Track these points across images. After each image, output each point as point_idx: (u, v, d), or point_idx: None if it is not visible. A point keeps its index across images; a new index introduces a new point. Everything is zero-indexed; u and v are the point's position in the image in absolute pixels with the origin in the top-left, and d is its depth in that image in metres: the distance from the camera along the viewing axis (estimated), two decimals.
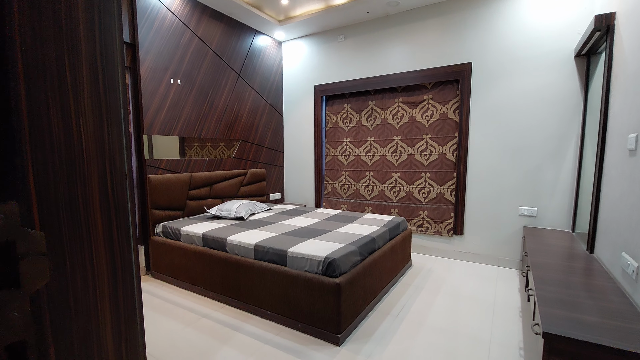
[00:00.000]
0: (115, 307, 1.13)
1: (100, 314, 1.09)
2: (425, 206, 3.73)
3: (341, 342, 2.00)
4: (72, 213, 1.01)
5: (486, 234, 3.42)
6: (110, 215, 1.11)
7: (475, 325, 2.23)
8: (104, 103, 1.09)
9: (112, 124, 1.12)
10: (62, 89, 0.98)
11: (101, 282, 1.09)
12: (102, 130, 1.09)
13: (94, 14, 1.03)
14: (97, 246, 1.08)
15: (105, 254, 1.10)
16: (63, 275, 0.98)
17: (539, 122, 3.09)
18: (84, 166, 1.04)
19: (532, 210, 3.16)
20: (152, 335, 2.12)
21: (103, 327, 1.10)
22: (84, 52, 1.03)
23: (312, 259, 2.11)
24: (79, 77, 1.02)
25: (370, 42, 3.93)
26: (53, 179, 0.95)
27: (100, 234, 1.08)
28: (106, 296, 1.11)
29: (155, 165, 3.14)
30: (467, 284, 2.93)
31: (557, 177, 3.04)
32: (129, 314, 1.18)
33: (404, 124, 3.81)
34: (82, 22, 1.00)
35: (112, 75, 1.12)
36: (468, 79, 3.36)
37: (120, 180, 1.16)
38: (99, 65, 1.07)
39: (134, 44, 2.94)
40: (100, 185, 1.09)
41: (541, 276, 1.92)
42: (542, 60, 3.03)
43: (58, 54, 0.95)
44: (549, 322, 1.41)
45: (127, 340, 1.18)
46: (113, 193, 1.12)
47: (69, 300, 1.00)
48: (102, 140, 1.09)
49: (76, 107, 1.03)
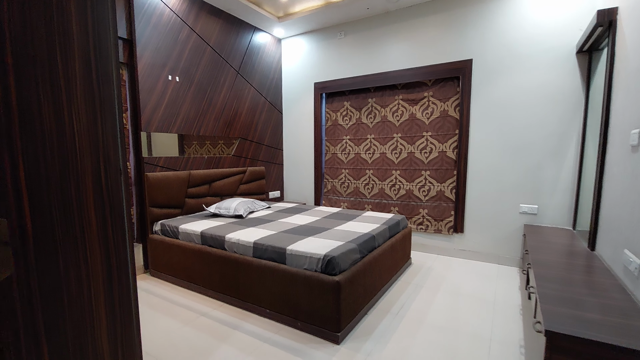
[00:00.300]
0: (110, 307, 1.11)
1: (95, 314, 1.07)
2: (426, 204, 3.71)
3: (341, 341, 1.98)
4: (66, 210, 0.98)
5: (486, 232, 3.40)
6: (105, 213, 1.09)
7: (476, 323, 2.22)
8: (97, 96, 1.07)
9: (106, 118, 1.10)
10: (53, 82, 0.95)
11: (96, 281, 1.07)
12: (95, 125, 1.07)
13: (86, 5, 1.00)
14: (91, 244, 1.06)
15: (100, 252, 1.08)
16: (56, 274, 0.96)
17: (539, 119, 3.06)
18: (77, 161, 1.01)
19: (532, 208, 3.15)
20: (150, 333, 2.10)
21: (98, 327, 1.08)
22: (77, 44, 1.01)
23: (311, 256, 2.09)
24: (71, 69, 1.00)
25: (370, 39, 3.90)
26: (45, 174, 0.93)
27: (95, 232, 1.06)
28: (101, 296, 1.09)
29: (153, 162, 3.12)
30: (467, 282, 2.91)
31: (558, 174, 3.02)
32: (124, 314, 1.16)
33: (404, 121, 3.79)
34: (75, 13, 0.98)
35: (106, 68, 1.10)
36: (469, 75, 3.34)
37: (115, 177, 1.14)
38: (92, 58, 1.05)
39: (131, 40, 2.91)
40: (94, 181, 1.06)
41: (542, 274, 1.90)
42: (543, 57, 3.01)
43: (49, 45, 0.93)
44: (551, 319, 1.39)
45: (123, 340, 1.16)
46: (108, 190, 1.10)
47: (62, 300, 0.98)
48: (95, 134, 1.06)
49: (68, 100, 1.00)
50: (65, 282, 0.97)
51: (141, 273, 3.15)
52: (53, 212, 0.92)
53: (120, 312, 1.12)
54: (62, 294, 0.96)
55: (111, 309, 1.09)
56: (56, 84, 0.94)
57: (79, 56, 1.00)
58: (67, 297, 0.97)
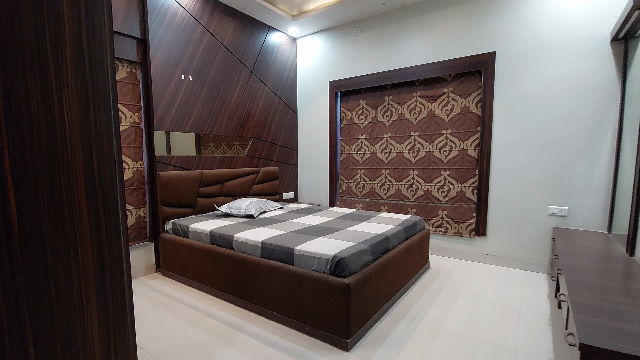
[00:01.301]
0: (103, 304, 1.04)
1: (86, 310, 1.00)
2: (445, 205, 3.53)
3: (350, 348, 1.86)
4: (54, 201, 0.92)
5: (511, 235, 3.18)
6: (97, 205, 1.02)
7: (499, 332, 2.04)
8: (90, 85, 1.01)
9: (100, 108, 1.04)
10: (42, 68, 0.90)
11: (87, 277, 1.01)
12: (88, 114, 1.01)
13: None
14: (82, 239, 0.99)
15: (92, 247, 1.02)
16: (44, 269, 0.90)
17: (570, 113, 2.84)
18: (67, 151, 0.95)
19: (562, 210, 2.91)
20: (153, 333, 2.06)
21: (89, 325, 1.01)
22: (68, 29, 0.96)
23: (320, 257, 1.99)
24: (61, 55, 0.94)
25: (387, 34, 3.78)
26: (32, 163, 0.87)
27: (86, 225, 1.00)
28: (92, 292, 1.02)
29: (165, 161, 3.12)
30: (489, 287, 2.71)
31: (590, 173, 2.78)
32: (118, 312, 1.09)
33: (422, 119, 3.63)
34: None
35: (100, 56, 1.04)
36: (491, 69, 3.15)
37: (109, 169, 1.07)
38: (84, 44, 0.99)
39: (144, 39, 2.93)
40: (86, 173, 1.00)
41: (574, 280, 1.71)
42: (573, 47, 2.79)
43: (38, 28, 0.88)
44: (586, 331, 1.22)
45: (116, 339, 1.09)
46: (101, 182, 1.04)
47: (50, 297, 0.92)
48: (88, 124, 1.00)
49: (59, 87, 0.94)
50: (54, 277, 0.91)
51: (153, 272, 3.14)
52: (41, 203, 0.87)
53: (113, 310, 1.06)
54: (50, 290, 0.90)
55: (103, 306, 1.03)
56: (45, 70, 0.89)
57: (70, 42, 0.95)
58: (56, 293, 0.92)
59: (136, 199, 3.01)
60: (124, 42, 2.83)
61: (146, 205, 3.09)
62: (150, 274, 3.10)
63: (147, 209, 3.10)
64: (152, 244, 3.15)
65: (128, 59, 2.87)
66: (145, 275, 3.07)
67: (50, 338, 0.90)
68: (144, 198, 3.07)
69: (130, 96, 2.93)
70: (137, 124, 2.99)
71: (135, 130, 2.98)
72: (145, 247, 3.11)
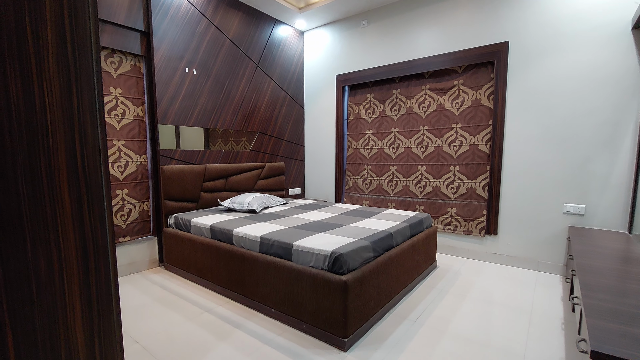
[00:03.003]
0: (86, 295, 1.00)
1: (69, 300, 0.96)
2: (454, 202, 3.41)
3: (348, 348, 1.79)
4: (35, 187, 0.89)
5: (524, 234, 3.04)
6: (80, 193, 0.98)
7: (508, 336, 1.93)
8: (72, 67, 0.96)
9: (83, 92, 0.99)
10: (21, 50, 0.86)
11: (69, 265, 0.97)
12: (70, 100, 0.96)
13: None
14: (64, 226, 0.95)
15: (75, 235, 0.98)
16: (23, 256, 0.87)
17: (588, 106, 2.68)
18: (48, 136, 0.91)
19: (579, 208, 2.76)
20: (151, 327, 2.04)
21: (72, 316, 0.97)
22: (49, 10, 0.92)
23: (318, 253, 1.92)
24: (42, 38, 0.90)
25: (395, 25, 3.67)
26: (10, 147, 0.84)
27: (69, 213, 0.96)
28: (75, 282, 0.98)
29: (169, 155, 3.11)
30: (499, 288, 2.59)
31: (610, 169, 2.62)
32: (103, 303, 1.05)
33: (431, 112, 3.51)
34: None
35: (83, 36, 0.99)
36: (504, 60, 3.01)
37: (93, 156, 1.03)
38: (66, 25, 0.95)
39: (148, 32, 2.91)
40: (68, 159, 0.96)
41: (589, 282, 1.59)
42: (592, 36, 2.63)
43: (17, 9, 0.84)
44: (599, 338, 1.12)
45: (101, 331, 1.05)
46: (84, 169, 0.99)
47: (30, 286, 0.89)
48: (70, 108, 0.96)
49: (39, 71, 0.90)
50: (34, 267, 0.88)
51: (156, 266, 3.14)
52: (20, 189, 0.84)
53: (98, 301, 1.03)
54: (29, 279, 0.87)
55: (87, 297, 1.00)
56: (25, 53, 0.85)
57: (51, 25, 0.91)
58: (36, 282, 0.88)
59: (140, 192, 3.01)
60: (128, 35, 2.82)
61: (150, 199, 3.09)
62: (153, 268, 3.10)
63: (151, 203, 3.09)
64: (155, 238, 3.15)
65: (132, 52, 2.86)
66: (149, 269, 3.07)
67: (30, 328, 0.88)
68: (147, 192, 3.07)
69: (134, 89, 2.93)
70: (140, 117, 2.98)
71: (139, 123, 2.97)
72: (149, 241, 3.10)
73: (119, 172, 2.85)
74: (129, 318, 2.15)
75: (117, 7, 2.70)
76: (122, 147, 2.87)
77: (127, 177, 2.91)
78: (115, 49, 2.78)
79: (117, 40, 2.75)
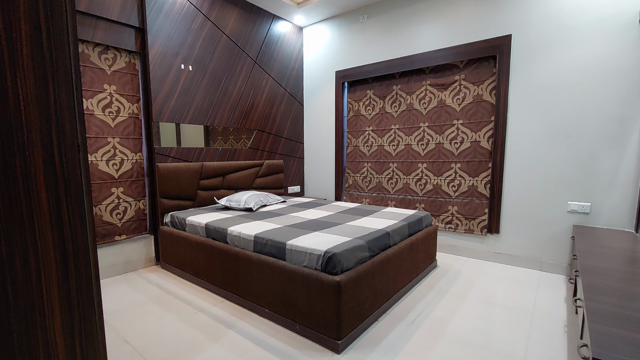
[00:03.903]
0: (66, 297, 0.96)
1: (47, 303, 0.92)
2: (455, 200, 3.33)
3: (341, 350, 1.74)
4: (9, 185, 0.84)
5: (527, 233, 2.96)
6: (58, 192, 0.93)
7: (508, 338, 1.86)
8: (48, 61, 0.91)
9: (60, 86, 0.94)
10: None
11: (47, 267, 0.92)
12: (47, 93, 0.91)
13: None
14: (41, 226, 0.90)
15: (53, 235, 0.93)
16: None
17: (593, 101, 2.59)
18: (23, 132, 0.86)
19: (584, 206, 2.67)
20: (143, 327, 2.00)
21: (50, 318, 0.93)
22: (22, 0, 0.87)
23: (311, 252, 1.87)
24: (15, 28, 0.85)
25: (395, 20, 3.59)
26: None
27: (46, 212, 0.91)
28: (54, 284, 0.94)
29: (165, 153, 3.07)
30: (501, 289, 2.52)
31: (617, 166, 2.53)
32: (84, 305, 1.00)
33: (432, 109, 3.43)
34: None
35: (59, 28, 0.94)
36: (507, 54, 2.92)
37: (72, 153, 0.98)
38: (41, 16, 0.90)
39: (142, 28, 2.87)
40: (45, 156, 0.91)
41: (593, 283, 1.52)
42: (597, 28, 2.54)
43: None
44: (602, 344, 1.05)
45: (82, 334, 1.00)
46: (62, 167, 0.94)
47: (5, 287, 0.85)
48: (46, 103, 0.91)
49: (12, 64, 0.86)
50: (10, 268, 0.84)
51: (153, 265, 3.11)
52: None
53: (79, 303, 0.99)
54: (5, 281, 0.83)
55: (67, 299, 0.96)
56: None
57: (25, 16, 0.86)
58: (11, 283, 0.84)
59: (136, 191, 2.98)
60: (122, 32, 2.78)
61: (146, 198, 3.06)
62: (149, 267, 3.07)
63: (147, 201, 3.06)
64: (152, 237, 3.11)
65: (126, 48, 2.82)
66: (145, 268, 3.04)
67: (6, 332, 0.84)
68: (143, 190, 3.04)
69: (129, 87, 2.89)
70: (136, 115, 2.94)
71: (134, 121, 2.94)
72: (146, 240, 3.08)
73: (114, 170, 2.82)
74: (121, 318, 2.12)
75: (111, 3, 2.66)
76: (117, 144, 2.83)
77: (123, 175, 2.88)
78: (110, 46, 2.74)
79: (111, 36, 2.72)
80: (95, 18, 2.61)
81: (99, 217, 2.76)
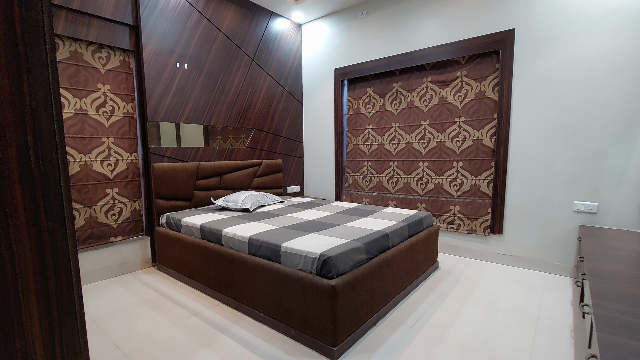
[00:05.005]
0: (45, 303, 0.91)
1: (25, 310, 0.87)
2: (457, 200, 3.25)
3: (338, 356, 1.68)
4: None
5: (531, 234, 2.87)
6: (35, 193, 0.88)
7: (511, 344, 1.79)
8: (22, 58, 0.86)
9: (36, 84, 0.89)
10: None
11: (24, 273, 0.87)
12: (21, 92, 0.86)
13: None
14: (17, 230, 0.85)
15: (30, 239, 0.88)
16: None
17: (601, 97, 2.50)
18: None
19: (591, 206, 2.58)
20: (134, 332, 1.95)
21: (29, 326, 0.88)
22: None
23: (306, 255, 1.80)
24: None
25: (395, 15, 3.51)
26: None
27: (22, 216, 0.86)
28: (32, 290, 0.89)
29: (160, 153, 3.02)
30: (504, 292, 2.44)
31: (625, 164, 2.44)
32: (64, 312, 0.95)
33: (433, 106, 3.35)
34: None
35: (34, 24, 0.88)
36: (510, 49, 2.83)
37: (49, 153, 0.92)
38: (15, 11, 0.85)
39: (136, 26, 2.82)
40: (19, 157, 0.86)
41: (601, 288, 1.44)
42: (605, 20, 2.44)
43: None
44: (612, 356, 0.98)
45: (62, 342, 0.96)
46: (39, 168, 0.89)
47: None
48: (21, 102, 0.86)
49: None
50: None
51: (148, 266, 3.07)
52: None
53: (58, 310, 0.94)
54: None
55: (46, 305, 0.91)
56: None
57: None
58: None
59: (131, 191, 2.93)
60: (116, 30, 2.73)
61: (142, 198, 3.01)
62: (145, 269, 3.03)
63: (143, 202, 3.02)
64: (148, 238, 3.07)
65: (121, 47, 2.77)
66: (141, 270, 3.00)
67: None
68: (139, 191, 2.99)
69: (123, 86, 2.84)
70: (130, 114, 2.89)
71: (129, 120, 2.89)
72: (142, 241, 3.03)
73: (108, 170, 2.78)
74: (114, 321, 2.07)
75: (104, 1, 2.61)
76: (111, 144, 2.79)
77: (118, 176, 2.84)
78: (103, 44, 2.69)
79: (104, 34, 2.67)
80: (88, 16, 2.56)
81: (94, 218, 2.71)
